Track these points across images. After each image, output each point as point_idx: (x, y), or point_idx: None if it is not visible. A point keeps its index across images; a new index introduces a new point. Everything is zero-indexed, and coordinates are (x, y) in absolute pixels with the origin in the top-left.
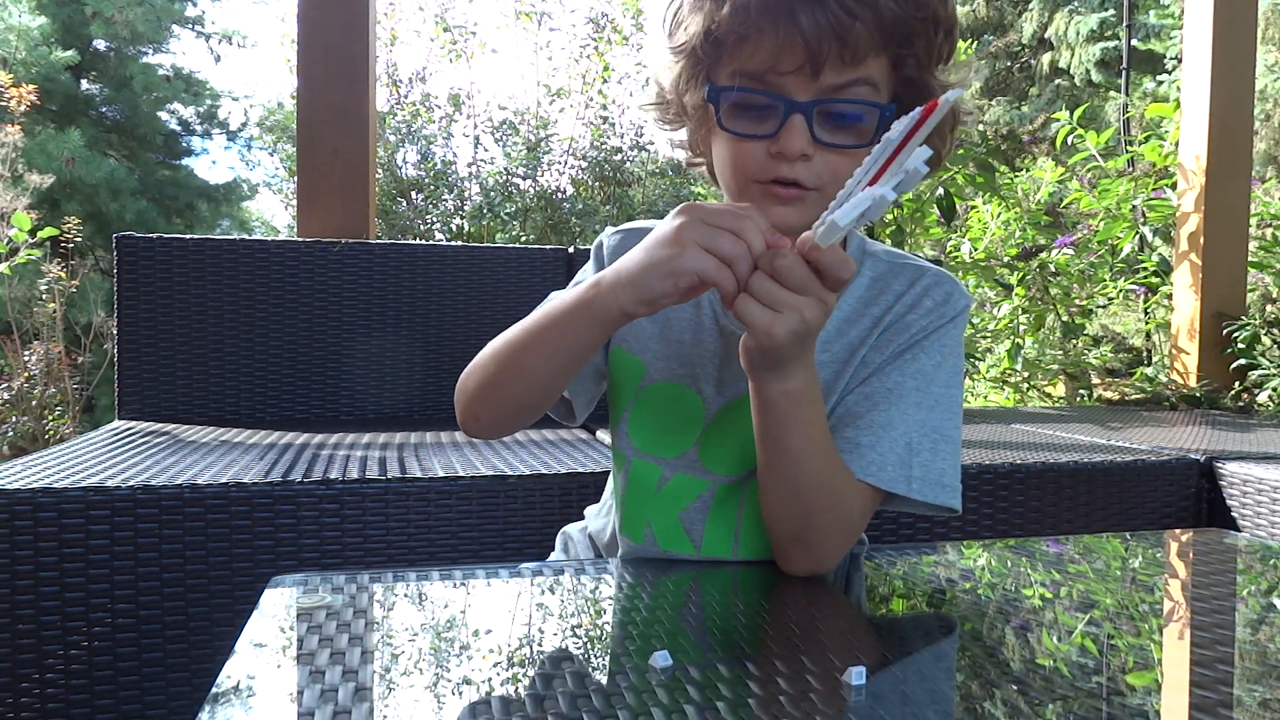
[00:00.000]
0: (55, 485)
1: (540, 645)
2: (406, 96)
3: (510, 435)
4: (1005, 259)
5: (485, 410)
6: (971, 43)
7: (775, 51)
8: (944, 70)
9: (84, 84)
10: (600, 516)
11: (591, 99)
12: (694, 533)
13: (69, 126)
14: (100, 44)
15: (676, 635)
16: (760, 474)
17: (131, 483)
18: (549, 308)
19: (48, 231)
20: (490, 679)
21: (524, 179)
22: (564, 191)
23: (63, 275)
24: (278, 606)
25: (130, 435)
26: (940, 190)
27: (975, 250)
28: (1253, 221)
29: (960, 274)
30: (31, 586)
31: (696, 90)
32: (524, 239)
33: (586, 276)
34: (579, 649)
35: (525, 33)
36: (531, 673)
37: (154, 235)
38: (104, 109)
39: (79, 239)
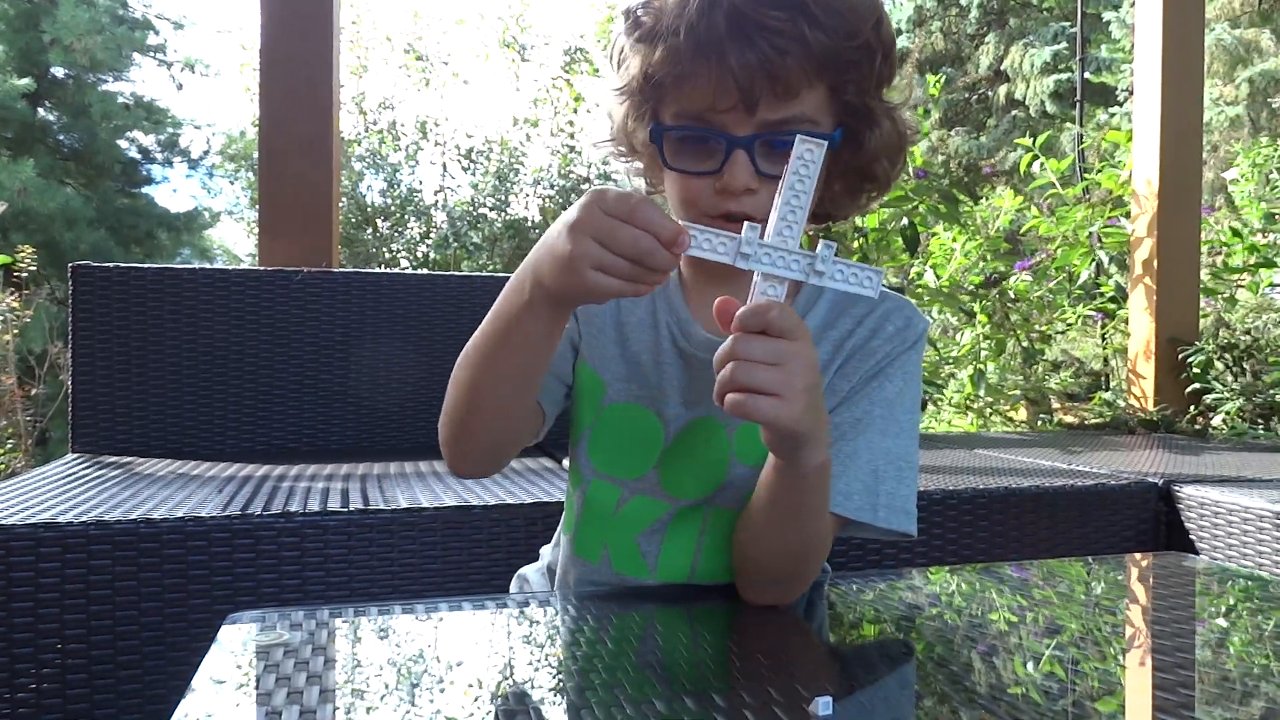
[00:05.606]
0: (5, 522)
1: (506, 679)
2: (374, 124)
3: (507, 465)
4: (968, 287)
5: (471, 447)
6: (940, 78)
7: (711, 91)
8: (887, 91)
9: (40, 111)
10: (554, 549)
11: (561, 127)
12: (649, 556)
13: (23, 156)
14: (58, 71)
15: (642, 668)
16: (759, 532)
17: (85, 518)
18: (494, 320)
19: (0, 259)
20: (454, 716)
21: (491, 209)
22: (533, 220)
23: (16, 305)
24: (235, 644)
25: (84, 469)
26: (904, 220)
27: (939, 278)
28: (1205, 249)
29: (925, 301)
30: None
31: (643, 128)
32: (491, 267)
33: None
34: (544, 683)
35: (504, 63)
36: (497, 708)
37: (110, 265)
38: (61, 137)
39: (33, 268)
